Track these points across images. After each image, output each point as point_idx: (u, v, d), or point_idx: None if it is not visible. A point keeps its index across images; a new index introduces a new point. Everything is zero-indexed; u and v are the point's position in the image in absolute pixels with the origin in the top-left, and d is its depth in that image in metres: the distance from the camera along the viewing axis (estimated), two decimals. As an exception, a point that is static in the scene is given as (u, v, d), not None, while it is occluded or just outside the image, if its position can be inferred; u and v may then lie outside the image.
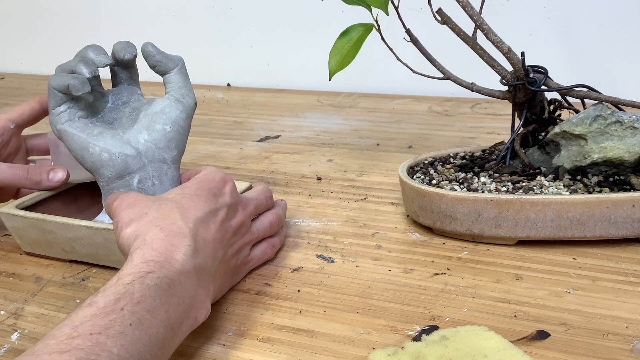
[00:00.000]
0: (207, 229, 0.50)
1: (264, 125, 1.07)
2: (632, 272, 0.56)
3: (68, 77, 0.57)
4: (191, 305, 0.45)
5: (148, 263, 0.44)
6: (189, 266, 0.46)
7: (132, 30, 1.42)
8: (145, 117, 0.60)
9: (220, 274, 0.52)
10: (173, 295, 0.43)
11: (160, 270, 0.44)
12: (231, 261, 0.54)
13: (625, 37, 1.09)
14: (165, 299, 0.43)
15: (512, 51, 0.63)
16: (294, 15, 1.30)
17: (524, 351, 0.45)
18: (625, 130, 0.60)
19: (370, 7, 0.66)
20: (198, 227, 0.49)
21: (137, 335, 0.40)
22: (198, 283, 0.46)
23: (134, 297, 0.41)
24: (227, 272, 0.54)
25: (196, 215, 0.50)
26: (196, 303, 0.46)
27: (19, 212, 0.61)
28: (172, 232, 0.47)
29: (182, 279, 0.45)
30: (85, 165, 0.58)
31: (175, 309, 0.43)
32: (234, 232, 0.54)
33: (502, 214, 0.59)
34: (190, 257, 0.46)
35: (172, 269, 0.45)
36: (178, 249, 0.46)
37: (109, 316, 0.40)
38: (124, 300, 0.41)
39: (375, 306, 0.52)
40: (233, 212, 0.54)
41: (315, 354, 0.47)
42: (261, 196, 0.60)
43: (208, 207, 0.51)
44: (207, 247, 0.49)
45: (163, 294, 0.43)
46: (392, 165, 0.83)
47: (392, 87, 1.23)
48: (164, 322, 0.42)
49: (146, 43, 0.61)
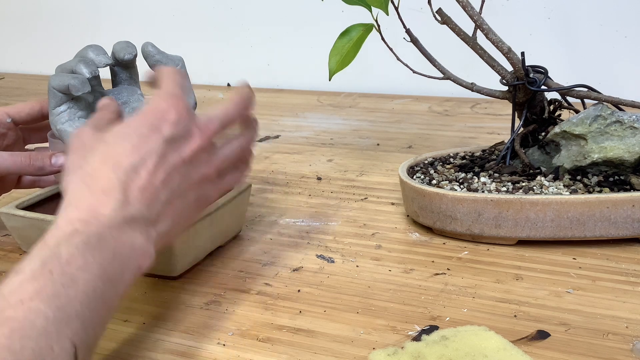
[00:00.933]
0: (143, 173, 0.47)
1: (264, 125, 1.07)
2: (632, 272, 0.56)
3: (68, 77, 0.57)
4: (130, 255, 0.44)
5: (73, 223, 0.43)
6: (119, 219, 0.44)
7: (132, 30, 1.42)
8: None
9: (176, 211, 0.49)
10: (105, 249, 0.42)
11: (86, 227, 0.43)
12: (190, 194, 0.50)
13: (625, 37, 1.09)
14: (97, 254, 0.42)
15: (512, 51, 0.63)
16: (294, 15, 1.30)
17: (524, 351, 0.45)
18: (625, 130, 0.60)
19: (370, 7, 0.66)
20: (130, 175, 0.47)
21: (72, 294, 0.39)
22: (134, 233, 0.45)
23: (61, 258, 0.40)
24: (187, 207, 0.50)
25: (130, 161, 0.47)
26: (135, 252, 0.44)
27: (19, 212, 0.61)
28: (99, 188, 0.45)
29: (113, 232, 0.43)
30: None
31: (110, 262, 0.42)
32: (186, 163, 0.49)
33: (502, 214, 0.59)
34: (119, 210, 0.45)
35: (100, 224, 0.43)
36: (105, 205, 0.44)
37: (38, 281, 0.39)
38: (51, 263, 0.40)
39: (375, 306, 0.52)
40: (182, 141, 0.49)
41: (316, 354, 0.47)
42: (229, 106, 0.55)
43: (145, 148, 0.48)
44: (144, 193, 0.47)
45: (94, 250, 0.42)
46: (392, 165, 0.83)
47: (392, 87, 1.23)
48: (101, 276, 0.41)
49: (146, 43, 0.61)
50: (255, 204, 0.74)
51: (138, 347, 0.49)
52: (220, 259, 0.62)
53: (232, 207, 0.63)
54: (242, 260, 0.61)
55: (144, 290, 0.57)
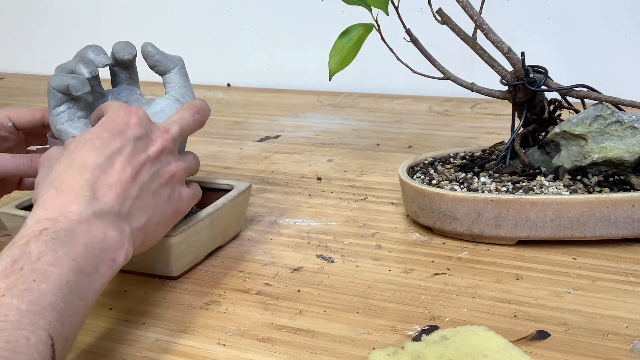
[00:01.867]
0: (110, 171, 0.49)
1: (264, 125, 1.07)
2: (632, 272, 0.56)
3: (68, 77, 0.57)
4: (103, 248, 0.45)
5: (41, 222, 0.44)
6: (88, 214, 0.45)
7: (132, 30, 1.42)
8: None
9: (151, 207, 0.51)
10: (76, 243, 0.43)
11: (54, 225, 0.43)
12: (162, 192, 0.52)
13: (625, 37, 1.09)
14: (68, 249, 0.42)
15: (512, 51, 0.63)
16: (294, 15, 1.30)
17: (524, 351, 0.45)
18: (625, 130, 0.60)
19: (370, 7, 0.66)
20: (97, 174, 0.48)
21: (45, 288, 0.39)
22: (105, 226, 0.46)
23: (31, 255, 0.41)
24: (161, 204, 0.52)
25: (95, 161, 0.49)
26: (108, 246, 0.45)
27: (19, 212, 0.61)
28: (66, 188, 0.46)
29: (82, 227, 0.44)
30: None
31: (83, 255, 0.43)
32: (153, 161, 0.52)
33: (502, 214, 0.59)
34: (87, 206, 0.45)
35: (68, 220, 0.44)
36: (73, 203, 0.45)
37: (9, 278, 0.39)
38: (22, 261, 0.40)
39: (375, 306, 0.52)
40: (146, 141, 0.52)
41: (315, 354, 0.47)
42: (185, 113, 0.57)
43: (110, 149, 0.50)
44: (113, 189, 0.48)
45: (64, 245, 0.42)
46: (392, 165, 0.83)
47: (392, 87, 1.23)
48: (73, 270, 0.41)
49: (146, 43, 0.61)
50: (255, 204, 0.74)
51: (138, 347, 0.49)
52: (220, 259, 0.62)
53: (232, 207, 0.63)
54: (242, 260, 0.61)
55: (144, 291, 0.57)
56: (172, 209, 0.54)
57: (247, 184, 0.65)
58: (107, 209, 0.47)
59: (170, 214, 0.54)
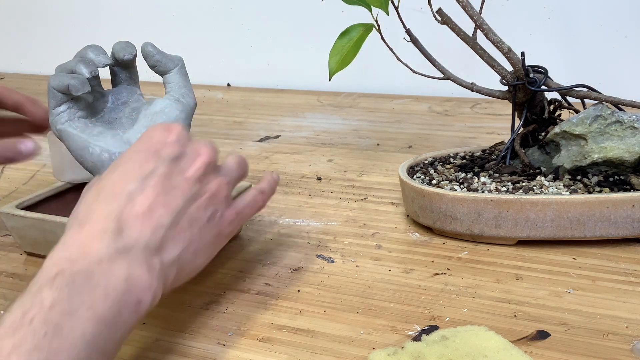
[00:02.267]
0: (140, 198, 0.44)
1: (264, 125, 1.07)
2: (632, 272, 0.56)
3: (68, 77, 0.57)
4: (126, 290, 0.40)
5: (57, 263, 0.40)
6: (110, 251, 0.41)
7: (132, 30, 1.42)
8: (145, 117, 0.59)
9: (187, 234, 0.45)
10: (95, 287, 0.39)
11: (72, 266, 0.39)
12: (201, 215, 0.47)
13: (625, 37, 1.09)
14: (85, 295, 0.38)
15: (512, 51, 0.63)
16: (294, 15, 1.30)
17: (524, 351, 0.45)
18: (625, 130, 0.60)
19: (370, 7, 0.66)
20: (124, 202, 0.43)
21: (56, 345, 0.35)
22: (129, 265, 0.41)
23: (44, 304, 0.37)
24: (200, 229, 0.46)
25: (124, 188, 0.44)
26: (133, 286, 0.40)
27: (19, 212, 0.61)
28: (90, 221, 0.43)
29: (102, 267, 0.40)
30: (86, 165, 0.58)
31: (102, 300, 0.38)
32: (191, 183, 0.46)
33: (502, 214, 0.59)
34: (111, 241, 0.41)
35: (87, 261, 0.40)
36: (94, 239, 0.41)
37: (18, 333, 0.35)
38: (32, 311, 0.36)
39: (375, 306, 0.52)
40: (184, 161, 0.47)
41: (315, 354, 0.47)
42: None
43: (142, 172, 0.45)
44: (141, 219, 0.43)
45: (81, 290, 0.38)
46: (392, 165, 0.83)
47: (392, 87, 1.23)
48: (91, 319, 0.37)
49: (146, 43, 0.61)
50: (255, 204, 0.74)
51: (138, 347, 0.49)
52: (220, 259, 0.61)
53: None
54: (242, 260, 0.61)
55: (144, 290, 0.57)
56: (212, 233, 0.48)
57: (247, 184, 0.65)
58: (132, 243, 0.42)
59: (211, 240, 0.48)
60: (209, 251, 0.48)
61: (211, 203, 0.48)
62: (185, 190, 0.46)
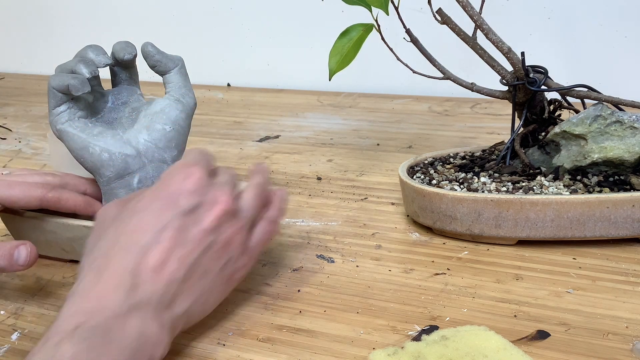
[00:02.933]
0: (155, 252, 0.44)
1: (264, 125, 1.07)
2: (632, 272, 0.56)
3: (68, 77, 0.57)
4: (139, 347, 0.41)
5: (76, 315, 0.41)
6: (125, 307, 0.42)
7: (132, 30, 1.42)
8: (145, 117, 0.60)
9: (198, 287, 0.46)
10: (112, 342, 0.40)
11: (90, 319, 0.40)
12: (214, 265, 0.47)
13: (625, 37, 1.09)
14: (102, 350, 0.39)
15: (512, 51, 0.63)
16: (294, 15, 1.30)
17: (524, 351, 0.45)
18: (625, 130, 0.60)
19: (370, 7, 0.66)
20: (140, 256, 0.44)
21: None
22: (143, 321, 0.42)
23: (64, 357, 0.38)
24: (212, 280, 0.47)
25: (141, 239, 0.44)
26: (146, 342, 0.41)
27: (20, 212, 0.61)
28: (107, 272, 0.43)
29: (118, 323, 0.41)
30: (85, 165, 0.58)
31: (118, 356, 0.40)
32: (207, 233, 0.46)
33: (502, 214, 0.59)
34: (126, 297, 0.42)
35: (105, 315, 0.41)
36: (111, 292, 0.42)
37: None
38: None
39: (375, 306, 0.52)
40: (200, 212, 0.47)
41: (316, 353, 0.47)
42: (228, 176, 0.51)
43: (158, 225, 0.45)
44: (157, 275, 0.44)
45: (98, 345, 0.39)
46: (392, 165, 0.83)
47: (392, 87, 1.23)
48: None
49: (146, 43, 0.61)
50: (255, 204, 0.74)
51: (138, 347, 0.49)
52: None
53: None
54: (242, 260, 0.61)
55: (144, 290, 0.57)
56: (224, 280, 0.48)
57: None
58: (146, 299, 0.43)
59: (222, 287, 0.49)
60: (218, 298, 0.49)
61: (225, 252, 0.48)
62: (201, 242, 0.46)
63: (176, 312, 0.45)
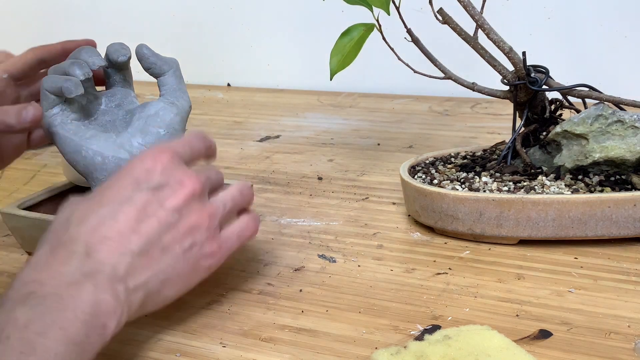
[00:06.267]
0: (111, 222, 0.44)
1: (265, 125, 1.07)
2: (633, 271, 0.56)
3: (61, 79, 0.56)
4: (93, 313, 0.41)
5: (28, 284, 0.41)
6: (78, 275, 0.42)
7: (132, 30, 1.42)
8: (139, 120, 0.59)
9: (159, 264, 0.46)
10: (65, 309, 0.40)
11: (42, 288, 0.40)
12: (176, 246, 0.46)
13: (625, 37, 1.09)
14: (56, 316, 0.39)
15: (514, 51, 0.63)
16: (294, 15, 1.30)
17: (526, 350, 0.45)
18: (627, 130, 0.60)
19: (372, 7, 0.66)
20: (95, 226, 0.44)
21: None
22: (96, 289, 0.42)
23: (18, 322, 0.38)
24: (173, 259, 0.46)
25: (99, 212, 0.45)
26: (99, 311, 0.41)
27: (20, 212, 0.61)
28: (59, 243, 0.43)
29: (72, 290, 0.41)
30: (78, 168, 0.57)
31: (72, 322, 0.39)
32: (169, 213, 0.46)
33: (503, 214, 0.59)
34: (79, 265, 0.42)
35: (57, 282, 0.41)
36: (63, 262, 0.42)
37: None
38: (8, 328, 0.38)
39: (378, 306, 0.53)
40: (165, 191, 0.46)
41: (318, 353, 0.47)
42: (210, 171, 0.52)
43: (118, 198, 0.45)
44: (109, 244, 0.44)
45: (52, 311, 0.39)
46: (393, 165, 0.83)
47: (393, 87, 1.23)
48: (62, 339, 0.39)
49: (140, 45, 0.60)
50: (256, 203, 0.74)
51: (140, 347, 0.49)
52: (222, 258, 0.61)
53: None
54: (244, 260, 0.61)
55: (146, 290, 0.57)
56: (187, 265, 0.48)
57: (248, 184, 0.65)
58: (99, 268, 0.43)
59: (185, 271, 0.48)
60: (182, 282, 0.48)
61: (189, 234, 0.47)
62: (161, 219, 0.46)
63: (131, 284, 0.44)
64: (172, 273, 0.47)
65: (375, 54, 0.81)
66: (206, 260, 0.49)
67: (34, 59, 0.64)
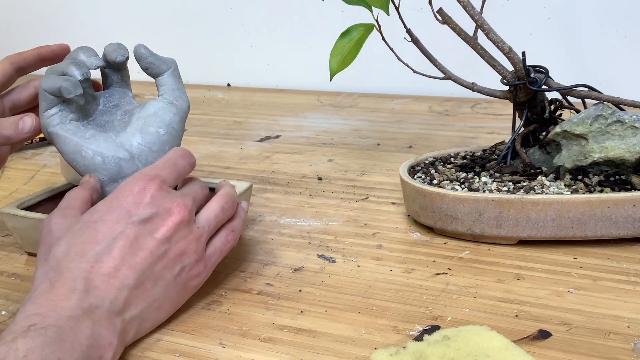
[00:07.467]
0: (107, 258, 0.47)
1: (264, 125, 1.07)
2: (633, 271, 0.56)
3: (59, 79, 0.56)
4: (90, 345, 0.43)
5: (29, 317, 0.42)
6: (78, 310, 0.44)
7: (132, 30, 1.42)
8: (138, 120, 0.59)
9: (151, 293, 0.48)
10: (64, 340, 0.41)
11: (43, 320, 0.42)
12: (167, 274, 0.49)
13: (625, 37, 1.09)
14: (55, 347, 0.41)
15: (513, 51, 0.63)
16: (294, 15, 1.30)
17: (525, 351, 0.45)
18: (626, 130, 0.60)
19: (371, 7, 0.66)
20: (92, 262, 0.46)
21: None
22: (95, 324, 0.44)
23: (18, 353, 0.39)
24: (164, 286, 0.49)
25: (94, 248, 0.47)
26: (96, 343, 0.43)
27: (20, 212, 0.61)
28: (60, 280, 0.45)
29: (71, 323, 0.43)
30: (78, 169, 0.57)
31: (70, 353, 0.41)
32: (160, 243, 0.49)
33: (503, 214, 0.59)
34: (79, 301, 0.44)
35: (58, 316, 0.43)
36: (63, 298, 0.44)
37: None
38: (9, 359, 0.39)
39: (377, 306, 0.52)
40: (155, 222, 0.49)
41: (317, 353, 0.47)
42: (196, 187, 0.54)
43: (112, 233, 0.48)
44: (107, 280, 0.46)
45: (52, 342, 0.41)
46: (392, 165, 0.83)
47: (393, 87, 1.23)
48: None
49: (138, 45, 0.60)
50: (256, 203, 0.74)
51: (139, 347, 0.49)
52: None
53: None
54: (243, 260, 0.61)
55: (145, 291, 0.57)
56: (177, 288, 0.50)
57: (248, 184, 0.65)
58: (97, 303, 0.45)
59: (176, 294, 0.51)
60: (172, 305, 0.51)
61: (178, 261, 0.50)
62: (153, 250, 0.49)
63: (127, 317, 0.47)
64: (164, 299, 0.50)
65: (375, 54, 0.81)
66: (194, 280, 0.52)
67: (12, 69, 0.64)
